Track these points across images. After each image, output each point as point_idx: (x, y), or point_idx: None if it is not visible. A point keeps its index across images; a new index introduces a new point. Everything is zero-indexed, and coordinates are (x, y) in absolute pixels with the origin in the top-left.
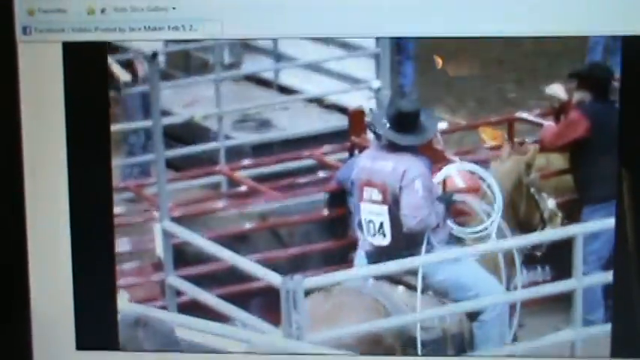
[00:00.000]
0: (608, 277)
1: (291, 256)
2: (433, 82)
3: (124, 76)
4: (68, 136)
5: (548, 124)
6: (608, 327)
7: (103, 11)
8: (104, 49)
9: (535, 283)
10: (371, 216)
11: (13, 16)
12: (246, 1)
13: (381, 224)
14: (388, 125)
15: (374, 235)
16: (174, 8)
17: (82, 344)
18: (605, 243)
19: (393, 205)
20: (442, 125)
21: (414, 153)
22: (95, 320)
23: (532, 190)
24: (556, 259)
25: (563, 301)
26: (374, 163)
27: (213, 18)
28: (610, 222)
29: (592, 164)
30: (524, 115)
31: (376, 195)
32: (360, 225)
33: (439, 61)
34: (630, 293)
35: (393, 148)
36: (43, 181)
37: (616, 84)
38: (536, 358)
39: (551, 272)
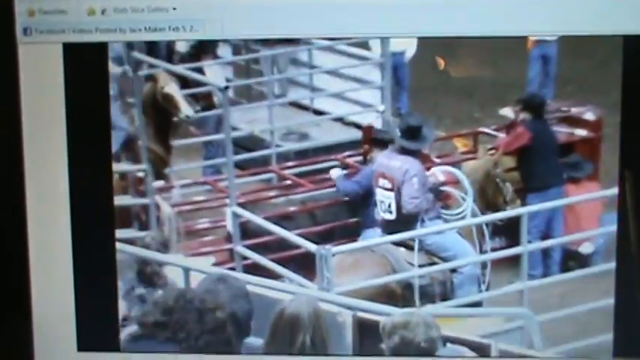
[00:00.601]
0: (545, 244)
1: (322, 230)
2: (420, 106)
3: (186, 109)
4: (69, 137)
5: (502, 135)
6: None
7: (103, 12)
8: (105, 49)
9: (497, 249)
10: (382, 198)
11: (14, 17)
12: (247, 2)
13: (389, 204)
14: (400, 134)
15: (384, 211)
16: (174, 9)
17: (83, 345)
18: (541, 219)
19: (397, 192)
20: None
21: (415, 156)
22: (96, 322)
23: (497, 180)
24: (511, 231)
25: (515, 261)
26: (388, 161)
27: (213, 18)
28: (546, 205)
29: (533, 164)
30: (485, 129)
31: (387, 184)
32: (374, 204)
33: (442, 63)
34: (633, 293)
35: (401, 151)
36: (44, 182)
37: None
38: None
39: (507, 240)
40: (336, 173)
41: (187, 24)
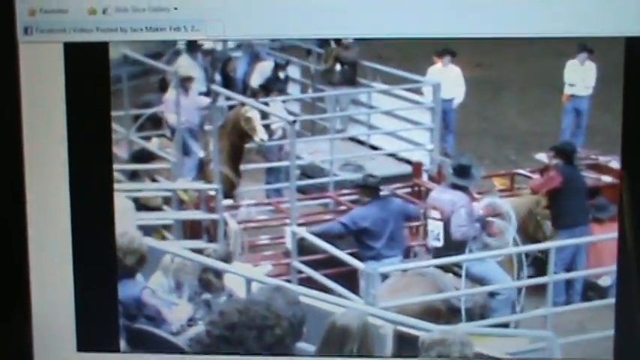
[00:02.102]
0: (568, 275)
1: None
2: (464, 148)
3: (262, 133)
4: (69, 136)
5: (536, 177)
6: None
7: (104, 11)
8: (105, 49)
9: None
10: (433, 227)
11: (14, 16)
12: (248, 2)
13: (438, 233)
14: (452, 172)
15: (433, 239)
16: (175, 9)
17: (82, 346)
18: (568, 254)
19: (446, 222)
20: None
21: (463, 191)
22: (96, 322)
23: (538, 217)
24: (542, 262)
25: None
26: (439, 195)
27: (215, 18)
28: (572, 240)
29: (563, 204)
30: (521, 170)
31: (437, 215)
32: (426, 232)
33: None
34: (632, 297)
35: (452, 186)
36: (44, 181)
37: (578, 155)
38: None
39: (537, 271)
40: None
41: (188, 24)
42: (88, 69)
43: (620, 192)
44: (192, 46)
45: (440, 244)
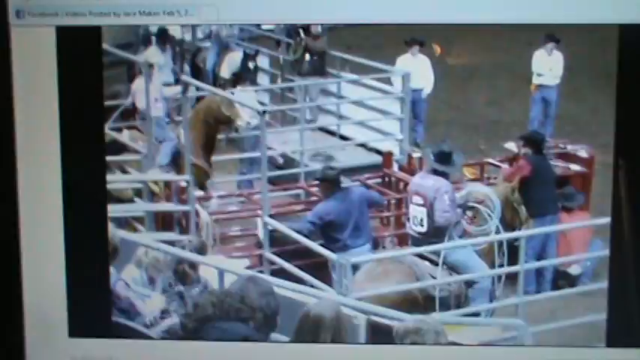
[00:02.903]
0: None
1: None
2: (434, 138)
3: (247, 117)
4: (61, 120)
5: (505, 166)
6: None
7: None
8: (98, 33)
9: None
10: (415, 213)
11: None
12: None
13: (421, 219)
14: (433, 158)
15: (416, 225)
16: None
17: (74, 331)
18: (537, 243)
19: (429, 208)
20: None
21: (445, 177)
22: (88, 308)
23: (515, 204)
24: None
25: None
26: (421, 181)
27: (208, 3)
28: (542, 229)
29: (532, 193)
30: (491, 160)
31: (420, 200)
32: (408, 219)
33: (437, 49)
34: (626, 284)
35: (433, 172)
36: (36, 166)
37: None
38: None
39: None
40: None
41: (182, 8)
42: (81, 53)
43: (613, 180)
44: (162, 36)
45: (423, 229)
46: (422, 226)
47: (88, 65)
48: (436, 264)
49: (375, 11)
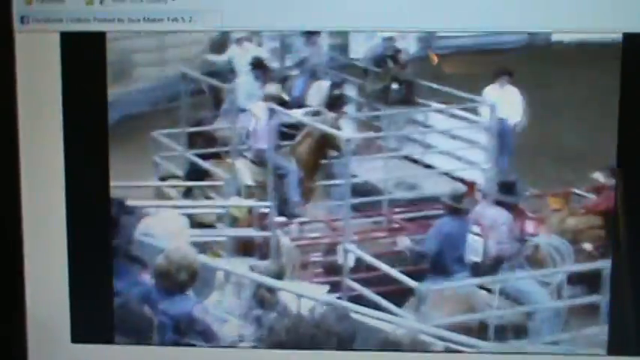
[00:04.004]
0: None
1: (416, 269)
2: (520, 167)
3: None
4: (65, 128)
5: (592, 196)
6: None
7: (101, 1)
8: (103, 39)
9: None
10: (473, 242)
11: (11, 4)
12: None
13: (477, 249)
14: (497, 189)
15: (472, 254)
16: None
17: (77, 337)
18: None
19: (486, 238)
20: (527, 193)
21: (507, 208)
22: (91, 313)
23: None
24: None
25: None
26: (483, 210)
27: (212, 9)
28: None
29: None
30: (577, 190)
31: (478, 230)
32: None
33: (434, 59)
34: (626, 290)
35: (496, 203)
36: (40, 172)
37: None
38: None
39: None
40: (404, 242)
41: (186, 15)
42: (85, 59)
43: (615, 190)
44: (256, 65)
45: (479, 259)
46: (477, 256)
47: (93, 71)
48: (493, 292)
49: (390, 19)
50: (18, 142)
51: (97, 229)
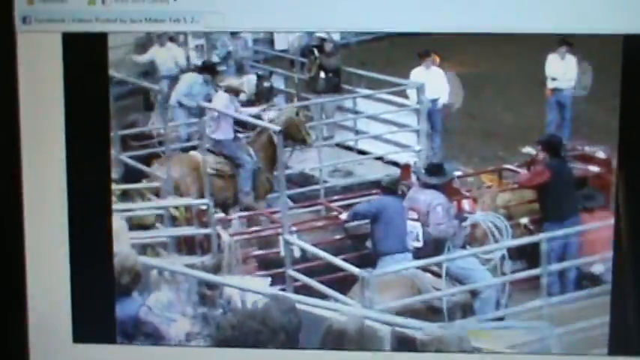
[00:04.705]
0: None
1: (359, 255)
2: (452, 147)
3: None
4: (67, 126)
5: (523, 172)
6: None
7: (103, 2)
8: (104, 39)
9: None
10: (411, 228)
11: (13, 5)
12: None
13: (417, 234)
14: (423, 172)
15: (413, 240)
16: (175, 0)
17: (78, 337)
18: (559, 245)
19: (424, 222)
20: (457, 172)
21: (438, 189)
22: (92, 314)
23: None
24: (526, 256)
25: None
26: (414, 195)
27: (214, 10)
28: (559, 232)
29: (551, 197)
30: (509, 166)
31: (414, 215)
32: (407, 234)
33: (436, 59)
34: (627, 292)
35: (426, 186)
36: (41, 171)
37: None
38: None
39: (527, 264)
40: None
41: (188, 15)
42: (87, 59)
43: (616, 184)
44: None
45: (420, 244)
46: (418, 241)
47: (94, 71)
48: (439, 276)
49: (384, 20)
50: (20, 142)
51: (98, 230)
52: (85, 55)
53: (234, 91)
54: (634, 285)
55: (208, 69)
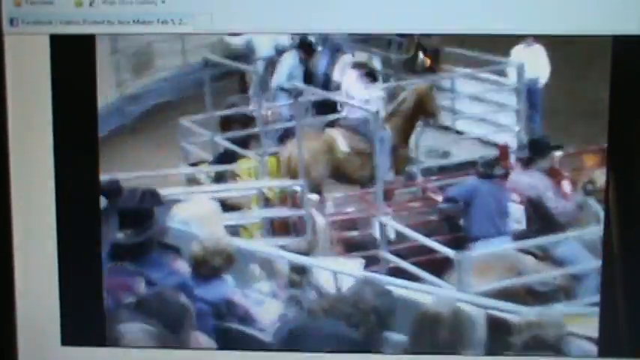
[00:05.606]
0: None
1: (453, 238)
2: (553, 127)
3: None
4: (55, 128)
5: None
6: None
7: (91, 4)
8: (92, 41)
9: None
10: (514, 210)
11: (0, 7)
12: None
13: (519, 216)
14: (530, 151)
15: (516, 222)
16: (163, 1)
17: (67, 340)
18: None
19: (527, 205)
20: (559, 153)
21: (541, 171)
22: (81, 316)
23: None
24: None
25: None
26: (517, 178)
27: (202, 12)
28: None
29: None
30: None
31: (517, 198)
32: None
33: (427, 61)
34: (617, 293)
35: (527, 167)
36: (29, 173)
37: None
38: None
39: None
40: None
41: (176, 17)
42: (75, 61)
43: (606, 185)
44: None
45: (522, 226)
46: (519, 223)
47: (82, 73)
48: (543, 259)
49: (379, 21)
50: (8, 144)
51: (87, 231)
52: (73, 56)
53: (362, 67)
54: (624, 287)
55: (305, 48)
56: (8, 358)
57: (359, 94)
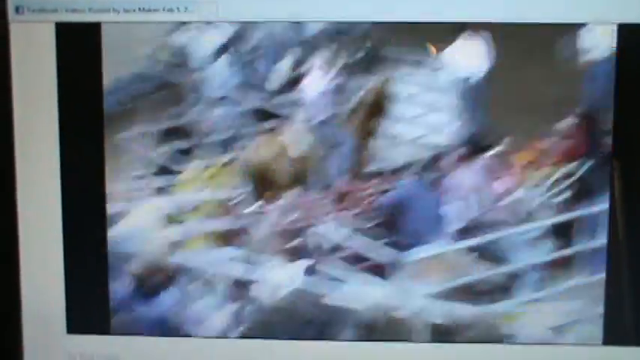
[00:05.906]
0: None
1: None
2: (489, 124)
3: None
4: (60, 120)
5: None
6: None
7: None
8: (98, 30)
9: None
10: (451, 212)
11: None
12: None
13: (457, 217)
14: (467, 148)
15: (453, 223)
16: None
17: (72, 328)
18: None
19: (466, 203)
20: (497, 149)
21: (478, 169)
22: (86, 304)
23: None
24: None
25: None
26: (453, 178)
27: (208, 0)
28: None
29: None
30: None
31: (455, 198)
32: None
33: (433, 49)
34: (622, 281)
35: (464, 167)
36: (35, 165)
37: None
38: None
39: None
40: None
41: (182, 5)
42: (80, 50)
43: (611, 175)
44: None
45: (461, 226)
46: (459, 224)
47: (88, 62)
48: (485, 259)
49: (383, 8)
50: (13, 135)
51: (93, 218)
52: (78, 45)
53: (313, 66)
54: (629, 274)
55: (246, 50)
56: (13, 346)
57: (309, 95)
